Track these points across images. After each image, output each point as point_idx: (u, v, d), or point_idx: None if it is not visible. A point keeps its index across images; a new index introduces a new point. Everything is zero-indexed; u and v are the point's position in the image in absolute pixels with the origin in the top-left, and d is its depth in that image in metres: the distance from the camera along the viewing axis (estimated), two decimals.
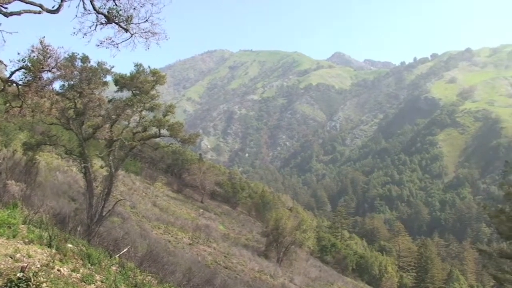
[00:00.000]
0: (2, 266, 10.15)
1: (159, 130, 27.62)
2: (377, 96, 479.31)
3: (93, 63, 24.63)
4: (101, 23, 14.14)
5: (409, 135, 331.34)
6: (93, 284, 11.63)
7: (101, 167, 28.14)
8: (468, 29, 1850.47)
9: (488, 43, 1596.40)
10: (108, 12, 14.03)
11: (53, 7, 13.45)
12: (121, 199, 33.73)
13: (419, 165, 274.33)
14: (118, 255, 16.91)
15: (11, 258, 10.99)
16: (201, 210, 67.92)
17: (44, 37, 15.23)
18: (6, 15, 12.99)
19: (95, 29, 13.99)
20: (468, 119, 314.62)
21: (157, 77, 26.42)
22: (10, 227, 13.21)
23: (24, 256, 11.45)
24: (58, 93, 23.55)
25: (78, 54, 24.05)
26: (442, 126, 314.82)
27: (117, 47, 14.72)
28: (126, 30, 14.55)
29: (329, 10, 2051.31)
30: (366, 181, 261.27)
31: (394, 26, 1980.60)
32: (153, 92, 26.51)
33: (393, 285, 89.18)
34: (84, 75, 24.10)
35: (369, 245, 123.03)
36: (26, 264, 9.65)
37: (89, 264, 13.26)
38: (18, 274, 8.92)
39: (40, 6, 13.35)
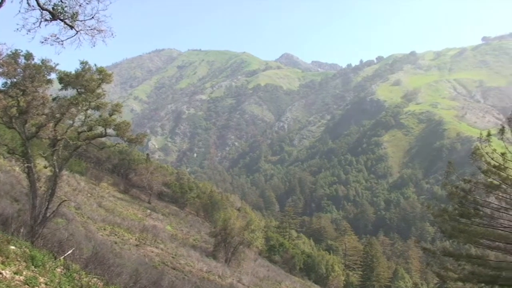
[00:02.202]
0: None
1: (105, 130, 27.10)
2: (325, 97, 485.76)
3: (37, 60, 23.98)
4: (46, 20, 13.81)
5: (355, 136, 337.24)
6: (37, 287, 11.38)
7: (45, 167, 27.40)
8: (413, 32, 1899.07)
9: (432, 46, 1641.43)
10: (53, 8, 13.71)
11: None
12: (65, 200, 32.95)
13: (365, 165, 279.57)
14: (62, 257, 16.58)
15: None
16: (149, 211, 67.09)
17: None
18: None
19: (39, 25, 13.66)
20: (412, 120, 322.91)
21: (103, 75, 25.93)
22: None
23: None
24: (0, 91, 22.86)
25: (22, 51, 23.38)
26: (387, 127, 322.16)
27: (62, 44, 14.42)
28: (72, 27, 14.27)
29: (278, 11, 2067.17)
30: (313, 181, 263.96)
31: (341, 29, 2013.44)
32: (99, 90, 26.01)
33: (339, 284, 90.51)
34: (27, 73, 23.44)
35: (316, 245, 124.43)
36: None
37: (33, 266, 12.95)
38: None
39: None
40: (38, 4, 13.48)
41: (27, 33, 13.49)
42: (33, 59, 23.80)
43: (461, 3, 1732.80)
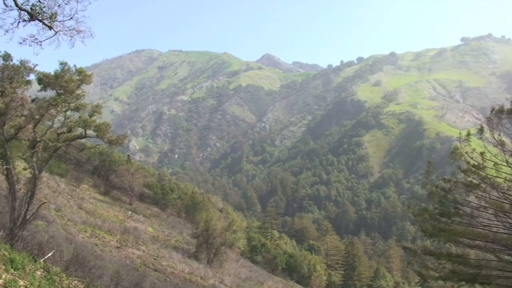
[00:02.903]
0: None
1: (85, 131, 26.84)
2: (306, 98, 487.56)
3: (15, 61, 23.69)
4: (24, 20, 13.66)
5: (336, 136, 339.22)
6: None
7: (24, 169, 27.06)
8: (393, 33, 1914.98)
9: (412, 47, 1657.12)
10: (31, 8, 13.57)
11: None
12: (45, 202, 32.55)
13: (346, 165, 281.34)
14: (43, 259, 16.41)
15: None
16: (130, 213, 66.63)
17: None
18: None
19: (17, 26, 13.50)
20: (393, 121, 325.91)
21: (83, 76, 25.68)
22: None
23: None
24: None
25: (0, 51, 23.10)
26: (368, 127, 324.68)
27: (41, 45, 14.27)
28: (50, 28, 14.12)
29: (259, 11, 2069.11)
30: (295, 182, 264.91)
31: (322, 29, 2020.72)
32: (78, 91, 25.75)
33: (321, 283, 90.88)
34: (5, 74, 23.15)
35: (298, 245, 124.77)
36: None
37: (12, 270, 12.79)
38: None
39: None
40: (16, 5, 13.33)
41: (5, 34, 13.33)
42: (11, 60, 23.51)
43: (440, 4, 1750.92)
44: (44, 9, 13.69)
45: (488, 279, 22.16)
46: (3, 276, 11.69)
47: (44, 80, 25.14)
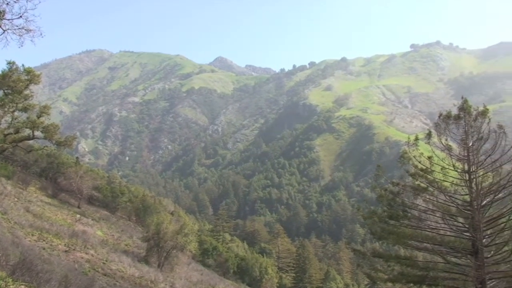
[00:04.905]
0: None
1: (33, 132, 26.33)
2: (258, 101, 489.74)
3: None
4: None
5: (288, 139, 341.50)
6: None
7: None
8: (344, 39, 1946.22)
9: (363, 53, 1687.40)
10: None
11: None
12: None
13: (298, 168, 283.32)
14: None
15: None
16: (78, 216, 65.19)
17: None
18: None
19: None
20: (343, 125, 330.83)
21: (31, 76, 25.21)
22: None
23: None
24: None
25: None
26: (319, 131, 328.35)
27: None
28: None
29: (212, 14, 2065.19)
30: (247, 185, 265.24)
31: (274, 34, 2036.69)
32: (26, 91, 25.27)
33: (273, 286, 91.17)
34: None
35: (250, 248, 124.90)
36: None
37: None
38: None
39: None
40: None
41: None
42: None
43: (391, 11, 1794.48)
44: None
45: (436, 281, 22.78)
46: None
47: None
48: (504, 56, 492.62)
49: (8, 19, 13.72)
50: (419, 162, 22.86)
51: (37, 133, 26.21)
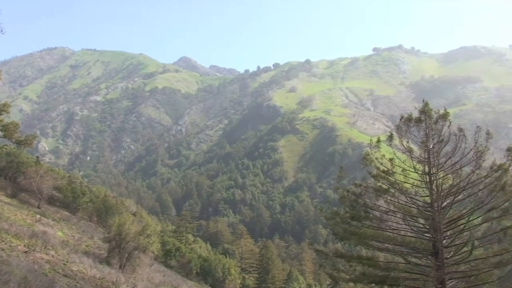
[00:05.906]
0: None
1: None
2: (222, 102, 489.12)
3: None
4: None
5: (252, 140, 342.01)
6: None
7: None
8: (308, 41, 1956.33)
9: (326, 55, 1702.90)
10: None
11: None
12: None
13: (262, 169, 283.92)
14: None
15: None
16: (38, 216, 63.94)
17: None
18: None
19: None
20: (307, 126, 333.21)
21: None
22: None
23: None
24: None
25: None
26: (283, 132, 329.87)
27: None
28: None
29: (176, 13, 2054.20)
30: (210, 185, 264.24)
31: (239, 34, 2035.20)
32: None
33: (236, 287, 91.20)
34: None
35: (213, 248, 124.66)
36: None
37: None
38: None
39: None
40: None
41: None
42: None
43: (353, 14, 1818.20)
44: None
45: (397, 281, 23.11)
46: None
47: None
48: (465, 60, 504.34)
49: None
50: (381, 164, 23.17)
51: None
